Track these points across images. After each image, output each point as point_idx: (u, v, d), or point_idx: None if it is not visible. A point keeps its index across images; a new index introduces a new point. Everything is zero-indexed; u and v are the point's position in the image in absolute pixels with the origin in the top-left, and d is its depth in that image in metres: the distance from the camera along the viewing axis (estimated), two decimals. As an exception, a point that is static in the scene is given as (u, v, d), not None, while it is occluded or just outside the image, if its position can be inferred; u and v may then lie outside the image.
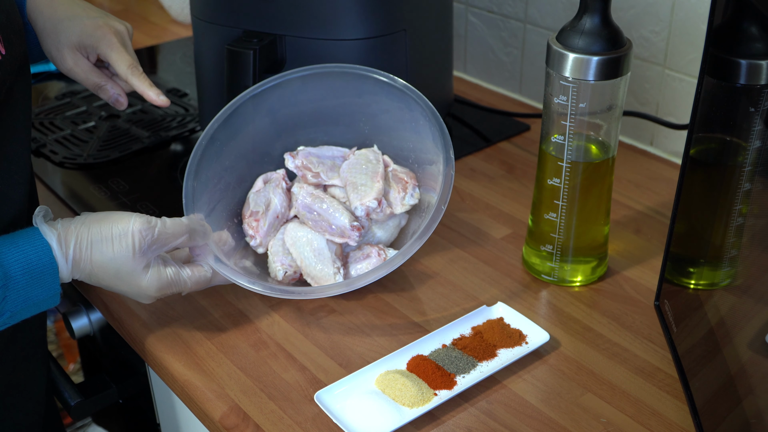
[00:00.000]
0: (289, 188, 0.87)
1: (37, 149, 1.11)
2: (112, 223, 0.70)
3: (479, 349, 0.76)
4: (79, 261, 0.69)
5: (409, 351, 0.76)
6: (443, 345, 0.77)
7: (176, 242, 0.74)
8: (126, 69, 0.84)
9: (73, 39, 0.84)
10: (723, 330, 0.65)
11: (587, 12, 0.75)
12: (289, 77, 0.87)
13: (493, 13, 1.25)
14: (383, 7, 0.96)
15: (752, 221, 0.65)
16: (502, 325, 0.78)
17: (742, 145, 0.65)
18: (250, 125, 0.88)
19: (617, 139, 0.81)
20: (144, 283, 0.72)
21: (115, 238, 0.70)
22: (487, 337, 0.77)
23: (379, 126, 0.89)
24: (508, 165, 1.08)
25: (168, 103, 0.85)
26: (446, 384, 0.72)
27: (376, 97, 0.87)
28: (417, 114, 0.84)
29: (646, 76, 1.08)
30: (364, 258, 0.82)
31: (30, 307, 0.68)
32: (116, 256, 0.70)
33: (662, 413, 0.71)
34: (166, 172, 1.08)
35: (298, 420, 0.71)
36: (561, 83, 0.77)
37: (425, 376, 0.73)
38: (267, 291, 0.76)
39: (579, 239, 0.83)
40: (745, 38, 0.64)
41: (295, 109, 0.90)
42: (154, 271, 0.72)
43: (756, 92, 0.63)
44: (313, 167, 0.86)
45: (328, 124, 0.91)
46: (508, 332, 0.78)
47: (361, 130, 0.90)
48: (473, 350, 0.76)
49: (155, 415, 0.96)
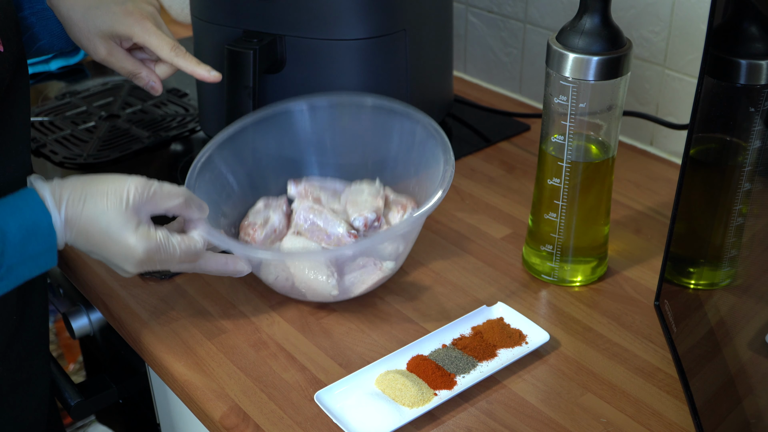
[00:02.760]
0: (288, 214, 0.87)
1: (37, 149, 1.11)
2: (109, 180, 0.70)
3: (479, 349, 0.76)
4: (71, 216, 0.68)
5: (409, 351, 0.76)
6: (443, 345, 0.77)
7: (171, 204, 0.72)
8: (170, 52, 0.82)
9: (104, 28, 0.82)
10: (723, 330, 0.65)
11: (587, 12, 0.75)
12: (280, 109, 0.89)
13: (493, 13, 1.25)
14: (383, 7, 0.96)
15: (752, 221, 0.65)
16: (502, 325, 0.78)
17: (742, 145, 0.65)
18: (250, 153, 0.89)
19: (617, 139, 0.81)
20: (132, 241, 0.69)
21: (110, 192, 0.69)
22: (487, 337, 0.77)
23: (384, 157, 0.91)
24: (508, 165, 1.08)
25: (219, 77, 0.84)
26: (446, 384, 0.72)
27: (382, 126, 0.89)
28: (422, 137, 0.85)
29: (646, 76, 1.08)
30: (359, 268, 0.81)
31: (27, 261, 0.67)
32: (108, 209, 0.69)
33: (662, 413, 0.71)
34: (166, 172, 1.08)
35: (298, 420, 0.71)
36: (561, 83, 0.77)
37: (425, 376, 0.73)
38: (267, 255, 0.77)
39: (579, 239, 0.83)
40: (745, 38, 0.64)
41: (300, 139, 0.91)
42: (144, 230, 0.70)
43: (756, 92, 0.63)
44: (314, 193, 0.87)
45: (330, 156, 0.92)
46: (508, 332, 0.78)
47: (364, 164, 0.91)
48: (473, 350, 0.76)
49: (155, 415, 0.96)
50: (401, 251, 0.82)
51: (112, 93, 1.26)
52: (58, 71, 1.34)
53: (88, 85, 1.29)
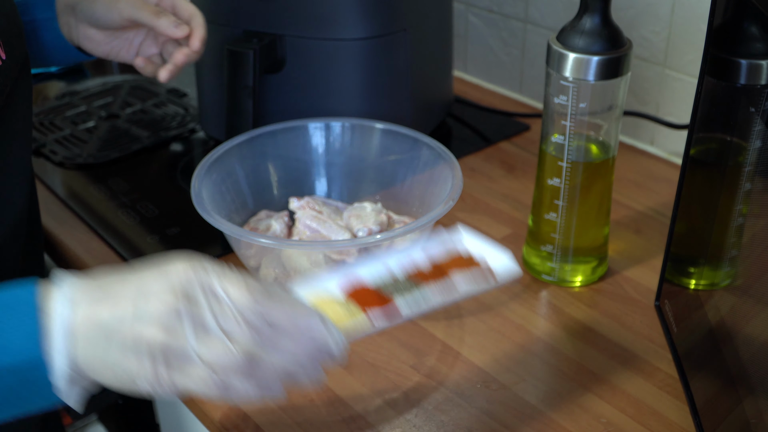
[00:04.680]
0: (290, 225, 0.87)
1: (37, 149, 1.11)
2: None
3: (429, 274, 0.67)
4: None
5: (345, 272, 0.66)
6: (388, 269, 0.67)
7: None
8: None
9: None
10: (723, 330, 0.65)
11: (587, 12, 0.75)
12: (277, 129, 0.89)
13: (493, 13, 1.25)
14: (384, 6, 0.96)
15: (752, 221, 0.65)
16: (457, 250, 0.70)
17: (743, 145, 0.65)
18: (259, 164, 0.90)
19: (617, 139, 0.81)
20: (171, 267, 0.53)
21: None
22: (439, 261, 0.68)
23: (387, 179, 0.91)
24: (508, 165, 1.08)
25: (186, 31, 0.83)
26: (379, 301, 0.63)
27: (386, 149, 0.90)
28: (428, 160, 0.86)
29: (646, 76, 1.08)
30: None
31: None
32: None
33: (662, 413, 0.71)
34: (166, 172, 1.08)
35: (298, 420, 0.71)
36: (561, 83, 0.77)
37: (359, 299, 0.64)
38: (268, 242, 0.76)
39: (579, 239, 0.83)
40: (745, 38, 0.64)
41: (301, 157, 0.92)
42: None
43: (756, 92, 0.63)
44: (316, 207, 0.87)
45: (336, 178, 0.93)
46: (464, 256, 0.69)
47: (368, 185, 0.92)
48: (422, 275, 0.66)
49: (155, 415, 0.96)
50: None
51: (112, 93, 1.26)
52: (58, 71, 1.34)
53: (88, 85, 1.29)
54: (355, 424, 0.70)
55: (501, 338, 0.79)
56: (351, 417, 0.71)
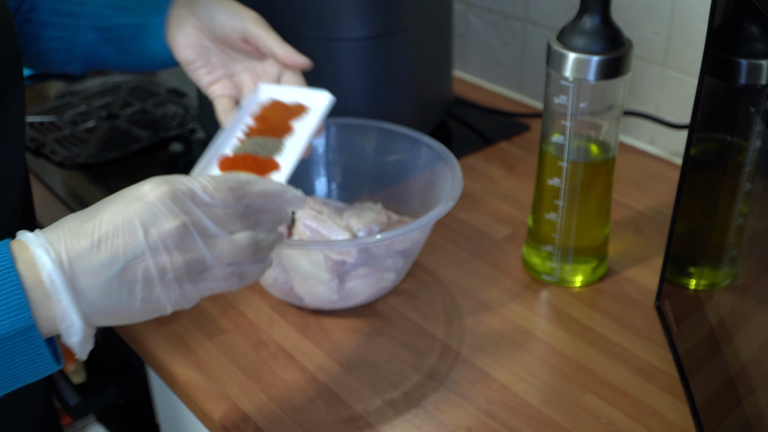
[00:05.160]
0: (289, 226, 0.87)
1: (37, 149, 1.11)
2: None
3: (275, 129, 0.74)
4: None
5: (211, 159, 0.71)
6: (240, 140, 0.74)
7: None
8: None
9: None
10: (723, 330, 0.65)
11: (587, 12, 0.75)
12: None
13: (494, 12, 1.25)
14: (384, 6, 0.96)
15: (752, 221, 0.65)
16: (278, 104, 0.77)
17: (743, 145, 0.65)
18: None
19: (617, 139, 0.81)
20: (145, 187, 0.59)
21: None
22: (273, 117, 0.75)
23: (387, 179, 0.91)
24: (508, 165, 1.08)
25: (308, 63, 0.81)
26: (271, 167, 0.69)
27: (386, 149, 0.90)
28: (428, 160, 0.86)
29: (646, 76, 1.08)
30: (360, 277, 0.81)
31: None
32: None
33: (662, 413, 0.71)
34: (165, 172, 1.07)
35: (298, 420, 0.71)
36: (561, 83, 0.77)
37: (248, 169, 0.69)
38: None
39: (579, 239, 0.83)
40: (745, 38, 0.64)
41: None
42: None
43: (756, 92, 0.63)
44: (316, 207, 0.87)
45: (334, 178, 0.93)
46: (288, 107, 0.77)
47: (368, 185, 0.92)
48: (272, 131, 0.73)
49: (155, 415, 0.96)
50: (400, 267, 0.81)
51: (111, 93, 1.26)
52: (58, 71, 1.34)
53: (88, 85, 1.29)
54: (355, 424, 0.70)
55: (501, 338, 0.79)
56: (351, 417, 0.71)
